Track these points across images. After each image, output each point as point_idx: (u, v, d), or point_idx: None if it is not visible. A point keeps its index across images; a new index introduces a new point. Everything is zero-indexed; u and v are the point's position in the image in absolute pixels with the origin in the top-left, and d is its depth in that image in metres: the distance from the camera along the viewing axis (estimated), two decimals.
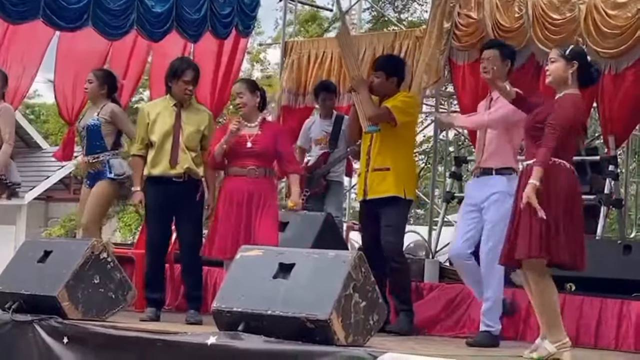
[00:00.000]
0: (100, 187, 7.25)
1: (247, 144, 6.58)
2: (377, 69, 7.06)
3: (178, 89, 6.80)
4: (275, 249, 5.44)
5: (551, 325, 5.12)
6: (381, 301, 5.09)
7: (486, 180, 6.24)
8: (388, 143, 6.76)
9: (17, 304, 5.81)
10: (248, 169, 6.56)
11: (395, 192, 6.73)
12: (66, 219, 23.68)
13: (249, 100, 6.67)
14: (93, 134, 7.35)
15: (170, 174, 6.71)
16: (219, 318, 5.12)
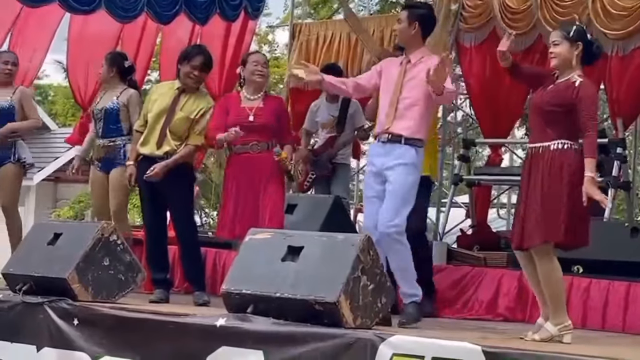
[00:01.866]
0: (117, 173, 7.25)
1: (249, 118, 6.50)
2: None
3: (184, 71, 6.77)
4: (284, 231, 5.45)
5: (556, 307, 5.14)
6: (389, 284, 5.11)
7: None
8: None
9: (28, 285, 5.85)
10: (251, 144, 6.48)
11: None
12: (75, 200, 23.74)
13: (267, 73, 6.69)
14: (111, 117, 7.37)
15: (155, 155, 6.67)
16: (228, 300, 5.15)
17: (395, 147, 5.77)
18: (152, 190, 6.67)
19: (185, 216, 6.82)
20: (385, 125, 5.82)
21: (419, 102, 5.77)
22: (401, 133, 5.76)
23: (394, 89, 5.84)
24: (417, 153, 5.78)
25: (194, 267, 6.85)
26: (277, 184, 6.50)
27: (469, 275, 7.12)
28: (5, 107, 7.68)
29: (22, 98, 7.74)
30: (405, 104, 5.79)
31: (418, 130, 5.78)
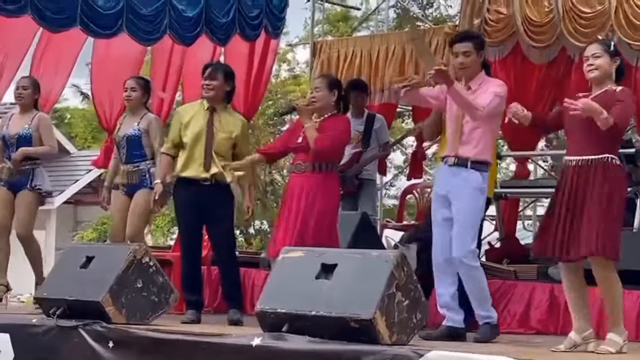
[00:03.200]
0: (141, 196, 7.31)
1: (299, 139, 6.56)
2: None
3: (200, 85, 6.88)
4: (317, 249, 5.45)
5: (617, 319, 5.17)
6: (424, 299, 5.11)
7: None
8: None
9: (62, 309, 5.87)
10: (296, 164, 6.57)
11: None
12: (98, 222, 23.80)
13: (323, 97, 6.59)
14: (133, 144, 7.42)
15: (200, 177, 6.73)
16: (263, 319, 5.16)
17: (462, 171, 5.92)
18: (195, 211, 6.72)
19: (228, 235, 6.92)
20: (451, 149, 5.98)
21: (481, 125, 5.89)
22: (467, 156, 5.91)
23: (457, 113, 5.96)
24: (483, 177, 5.92)
25: (233, 285, 6.91)
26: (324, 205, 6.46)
27: (500, 289, 7.10)
28: (23, 135, 7.70)
29: (40, 125, 7.74)
30: (470, 128, 5.93)
31: (483, 153, 5.93)
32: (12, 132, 7.74)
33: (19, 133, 7.69)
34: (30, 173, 7.68)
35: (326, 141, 6.44)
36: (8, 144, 7.76)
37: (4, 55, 8.32)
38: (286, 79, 20.70)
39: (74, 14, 8.12)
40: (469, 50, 6.00)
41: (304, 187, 6.45)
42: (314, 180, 6.46)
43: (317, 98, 6.58)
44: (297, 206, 6.43)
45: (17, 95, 7.83)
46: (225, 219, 6.85)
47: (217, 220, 6.78)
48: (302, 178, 6.50)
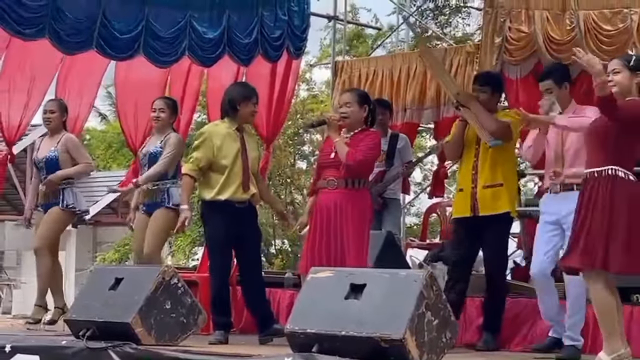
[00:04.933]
0: (159, 216, 7.37)
1: (331, 155, 6.55)
2: (483, 84, 6.97)
3: (248, 111, 6.88)
4: (346, 269, 5.47)
5: (608, 334, 5.14)
6: (453, 319, 5.12)
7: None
8: (499, 158, 6.71)
9: (91, 331, 5.88)
10: (327, 180, 6.53)
11: (509, 208, 6.76)
12: (120, 243, 23.88)
13: (353, 112, 6.57)
14: (153, 162, 7.46)
15: (238, 199, 6.77)
16: (293, 339, 5.16)
17: (569, 195, 6.05)
18: (229, 232, 6.75)
19: (259, 256, 7.04)
20: (556, 178, 6.27)
21: (583, 148, 5.95)
22: (572, 182, 6.12)
23: (557, 141, 6.31)
24: None
25: (264, 306, 6.96)
26: (356, 222, 6.46)
27: (526, 308, 7.08)
28: (50, 157, 7.80)
29: (67, 145, 7.83)
30: (571, 154, 6.23)
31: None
32: (40, 156, 7.87)
33: (47, 156, 7.80)
34: (60, 193, 7.76)
35: (358, 155, 6.44)
36: (39, 168, 7.86)
37: (31, 79, 8.39)
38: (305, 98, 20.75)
39: (91, 37, 8.17)
40: (551, 87, 6.36)
41: (337, 203, 6.44)
42: (346, 197, 6.45)
43: (348, 114, 6.58)
44: (327, 223, 6.45)
45: (45, 120, 7.91)
46: (257, 239, 6.95)
47: (249, 240, 6.84)
48: (334, 194, 6.48)
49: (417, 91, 9.88)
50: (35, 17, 7.77)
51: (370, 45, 19.37)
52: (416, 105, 9.86)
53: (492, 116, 6.78)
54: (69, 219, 7.87)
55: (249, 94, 6.96)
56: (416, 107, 9.86)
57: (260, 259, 7.11)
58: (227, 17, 9.09)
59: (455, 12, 18.80)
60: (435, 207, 10.73)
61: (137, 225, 7.63)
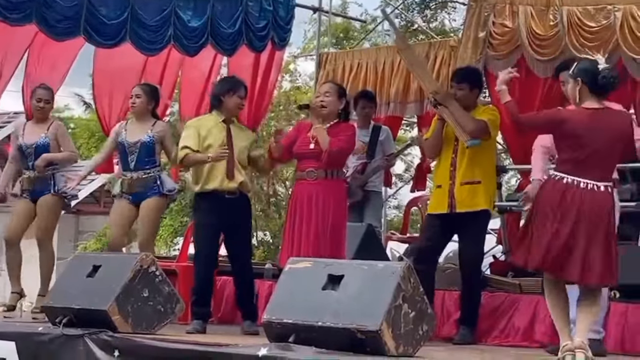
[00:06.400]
0: (152, 203, 7.37)
1: (310, 145, 6.56)
2: (460, 81, 6.98)
3: (233, 103, 6.90)
4: (324, 260, 5.48)
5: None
6: (430, 311, 5.13)
7: None
8: (478, 156, 6.71)
9: (68, 318, 5.89)
10: (307, 171, 6.55)
11: (486, 205, 6.76)
12: (101, 232, 23.80)
13: (331, 102, 6.62)
14: (146, 150, 7.44)
15: (224, 189, 6.78)
16: (270, 329, 5.18)
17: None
18: (216, 223, 6.77)
19: (247, 246, 7.06)
20: None
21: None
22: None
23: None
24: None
25: (249, 296, 6.98)
26: (330, 212, 6.48)
27: (504, 302, 7.11)
28: (41, 144, 7.77)
29: (57, 132, 7.83)
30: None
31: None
32: (28, 142, 7.82)
33: (37, 142, 7.78)
34: (51, 178, 7.76)
35: (341, 143, 6.50)
36: (26, 154, 7.81)
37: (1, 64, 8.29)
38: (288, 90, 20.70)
39: (78, 22, 8.10)
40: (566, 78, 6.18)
41: (317, 194, 6.47)
42: (325, 188, 6.49)
43: (327, 103, 6.61)
44: (308, 214, 6.46)
45: (39, 108, 7.87)
46: (245, 230, 6.97)
47: (237, 230, 6.86)
48: (313, 185, 6.50)
49: (401, 84, 9.85)
50: (23, 2, 7.71)
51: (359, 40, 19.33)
52: (400, 98, 9.84)
53: (469, 116, 6.78)
54: (61, 205, 7.87)
55: (234, 87, 6.98)
56: (400, 101, 9.83)
57: (249, 252, 7.10)
58: (211, 6, 9.04)
59: (441, 6, 18.83)
60: (416, 200, 10.76)
61: (118, 213, 7.59)
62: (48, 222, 7.77)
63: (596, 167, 5.27)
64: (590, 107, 5.36)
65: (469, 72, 7.27)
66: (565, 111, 5.58)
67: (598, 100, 5.39)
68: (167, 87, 9.54)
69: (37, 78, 8.52)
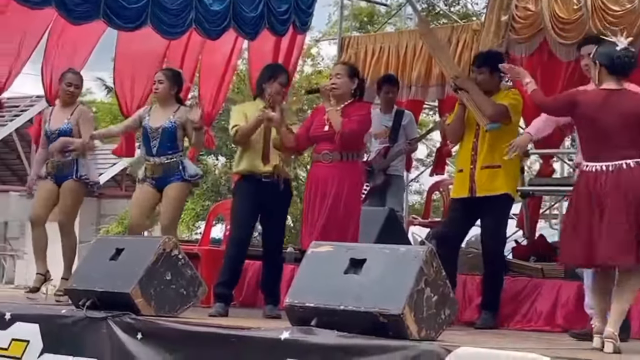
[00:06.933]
0: (176, 188, 7.39)
1: (324, 128, 6.57)
2: (480, 65, 6.97)
3: (273, 90, 6.87)
4: (346, 244, 5.47)
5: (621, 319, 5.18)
6: (452, 295, 5.11)
7: None
8: (499, 140, 6.66)
9: (91, 301, 5.91)
10: (322, 153, 6.56)
11: (506, 189, 6.73)
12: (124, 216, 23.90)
13: (343, 84, 6.61)
14: (168, 135, 7.44)
15: (260, 171, 6.82)
16: (292, 313, 5.18)
17: None
18: (253, 206, 6.81)
19: (280, 231, 7.02)
20: None
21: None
22: None
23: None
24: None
25: (275, 281, 6.98)
26: (346, 194, 6.48)
27: (526, 287, 7.10)
28: (63, 129, 7.79)
29: (80, 117, 7.82)
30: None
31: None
32: (53, 127, 7.85)
33: (60, 128, 7.79)
34: (74, 163, 7.75)
35: (353, 124, 6.48)
36: (50, 139, 7.84)
37: (19, 44, 8.32)
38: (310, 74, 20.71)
39: (97, 6, 8.10)
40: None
41: (332, 176, 6.47)
42: (340, 170, 6.48)
43: (338, 85, 6.61)
44: (323, 196, 6.46)
45: (68, 92, 7.86)
46: (280, 215, 6.95)
47: (272, 214, 6.88)
48: (328, 168, 6.50)
49: (423, 68, 9.82)
50: None
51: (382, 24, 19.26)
52: (421, 82, 9.81)
53: (489, 100, 6.77)
54: (84, 190, 7.87)
55: (274, 74, 6.99)
56: (421, 84, 9.80)
57: (281, 237, 7.08)
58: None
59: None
60: (438, 185, 10.74)
61: (140, 197, 7.61)
62: (70, 207, 7.78)
63: (616, 146, 5.24)
64: (607, 88, 5.36)
65: (490, 56, 7.24)
66: (581, 93, 5.53)
67: (617, 81, 5.39)
68: (188, 71, 9.53)
69: (57, 62, 8.56)
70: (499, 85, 7.04)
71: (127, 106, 9.13)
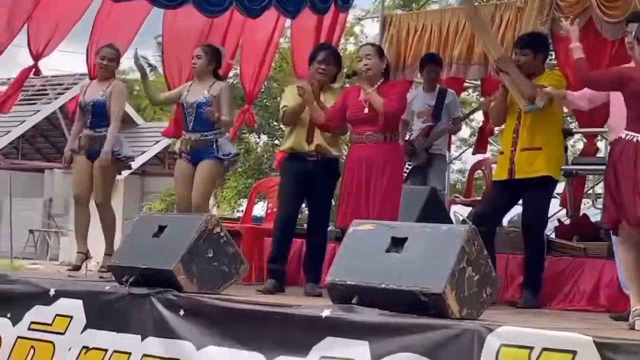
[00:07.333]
0: (208, 166, 7.42)
1: (364, 110, 6.58)
2: (522, 47, 6.93)
3: (313, 70, 6.96)
4: (388, 223, 5.46)
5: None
6: (494, 275, 5.10)
7: None
8: (540, 122, 6.66)
9: (134, 277, 5.94)
10: (366, 135, 6.57)
11: (546, 171, 6.69)
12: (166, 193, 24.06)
13: (375, 64, 6.64)
14: (202, 110, 7.46)
15: (304, 150, 6.87)
16: (333, 291, 5.19)
17: None
18: (299, 184, 6.88)
19: (325, 210, 7.06)
20: None
21: None
22: None
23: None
24: None
25: (318, 260, 7.00)
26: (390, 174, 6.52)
27: (569, 267, 7.07)
28: (97, 102, 7.79)
29: (113, 91, 7.81)
30: None
31: None
32: (87, 99, 7.85)
33: (94, 100, 7.79)
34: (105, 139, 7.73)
35: (394, 103, 6.52)
36: (84, 112, 7.87)
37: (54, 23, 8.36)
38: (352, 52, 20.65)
39: None
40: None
41: (375, 157, 6.50)
42: (383, 151, 6.53)
43: (370, 65, 6.62)
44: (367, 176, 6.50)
45: (102, 66, 7.89)
46: (324, 194, 6.97)
47: (317, 193, 6.92)
48: (372, 149, 6.53)
49: (465, 47, 9.74)
50: None
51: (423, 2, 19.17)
52: (463, 60, 9.75)
53: (528, 81, 6.73)
54: (117, 166, 7.89)
55: (314, 54, 7.05)
56: (463, 63, 9.74)
57: (326, 216, 7.10)
58: None
59: None
60: (480, 164, 10.69)
61: (180, 174, 7.65)
62: (103, 183, 7.78)
63: None
64: None
65: (533, 38, 7.19)
66: (633, 70, 5.49)
67: None
68: (230, 49, 9.54)
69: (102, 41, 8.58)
70: (543, 67, 6.97)
71: (175, 85, 9.16)
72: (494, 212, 6.92)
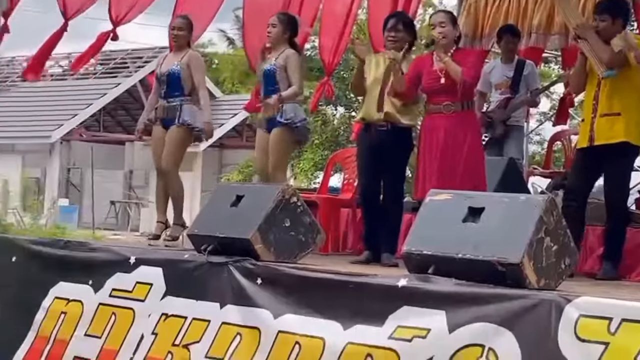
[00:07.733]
0: (275, 133, 7.44)
1: (441, 80, 6.57)
2: (601, 12, 6.79)
3: (384, 39, 6.96)
4: (465, 192, 5.43)
5: None
6: (573, 246, 5.04)
7: None
8: (618, 88, 6.55)
9: (212, 246, 6.00)
10: (444, 104, 6.58)
11: (625, 137, 6.56)
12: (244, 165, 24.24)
13: (449, 32, 6.64)
14: (268, 79, 7.50)
15: (373, 119, 6.87)
16: (409, 260, 5.18)
17: None
18: (372, 155, 6.90)
19: (397, 180, 7.01)
20: None
21: None
22: None
23: None
24: None
25: (393, 231, 6.99)
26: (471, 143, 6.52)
27: None
28: (172, 72, 7.79)
29: (190, 62, 7.80)
30: None
31: None
32: (163, 70, 7.87)
33: (170, 70, 7.79)
34: (178, 109, 7.75)
35: (471, 72, 6.52)
36: (160, 82, 7.92)
37: None
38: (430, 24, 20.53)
39: None
40: None
41: (454, 126, 6.51)
42: (462, 120, 6.54)
43: (445, 33, 6.58)
44: (445, 146, 6.50)
45: (174, 36, 7.93)
46: (395, 164, 6.94)
47: (391, 164, 6.90)
48: (449, 118, 6.53)
49: (545, 16, 9.60)
50: None
51: None
52: (543, 30, 9.61)
53: (606, 46, 6.60)
54: (188, 136, 7.85)
55: (385, 23, 7.04)
56: (542, 32, 9.61)
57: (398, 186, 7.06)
58: None
59: None
60: (559, 135, 10.56)
61: (257, 143, 7.69)
62: (172, 153, 7.74)
63: None
64: None
65: (611, 3, 7.02)
66: None
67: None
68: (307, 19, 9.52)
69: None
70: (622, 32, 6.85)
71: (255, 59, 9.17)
72: (582, 184, 6.81)
